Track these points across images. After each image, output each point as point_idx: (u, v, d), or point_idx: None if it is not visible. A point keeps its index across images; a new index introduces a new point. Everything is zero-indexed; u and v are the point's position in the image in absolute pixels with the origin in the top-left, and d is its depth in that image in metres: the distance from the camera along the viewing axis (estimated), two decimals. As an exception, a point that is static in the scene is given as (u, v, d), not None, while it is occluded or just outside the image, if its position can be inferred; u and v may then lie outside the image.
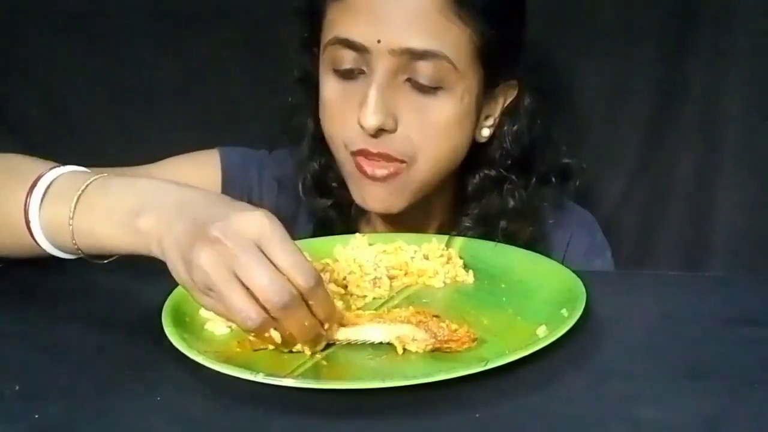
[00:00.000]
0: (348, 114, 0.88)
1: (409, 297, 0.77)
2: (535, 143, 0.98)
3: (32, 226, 0.72)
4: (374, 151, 0.87)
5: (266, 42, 1.18)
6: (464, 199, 0.99)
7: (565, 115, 1.17)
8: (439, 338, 0.65)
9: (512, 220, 0.97)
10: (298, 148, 1.00)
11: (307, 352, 0.65)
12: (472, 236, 0.92)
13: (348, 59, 0.87)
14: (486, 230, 0.96)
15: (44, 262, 0.79)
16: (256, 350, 0.65)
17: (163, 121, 1.23)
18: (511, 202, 0.97)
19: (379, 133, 0.86)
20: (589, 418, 0.58)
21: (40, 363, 0.66)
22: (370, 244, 0.83)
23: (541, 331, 0.66)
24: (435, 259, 0.82)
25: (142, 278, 0.82)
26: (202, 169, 0.99)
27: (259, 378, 0.59)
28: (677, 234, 1.24)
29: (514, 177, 0.97)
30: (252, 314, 0.61)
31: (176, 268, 0.64)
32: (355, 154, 0.89)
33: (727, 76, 1.19)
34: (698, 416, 0.58)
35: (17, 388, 0.62)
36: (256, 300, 0.61)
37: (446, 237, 0.86)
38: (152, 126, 1.23)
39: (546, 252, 0.86)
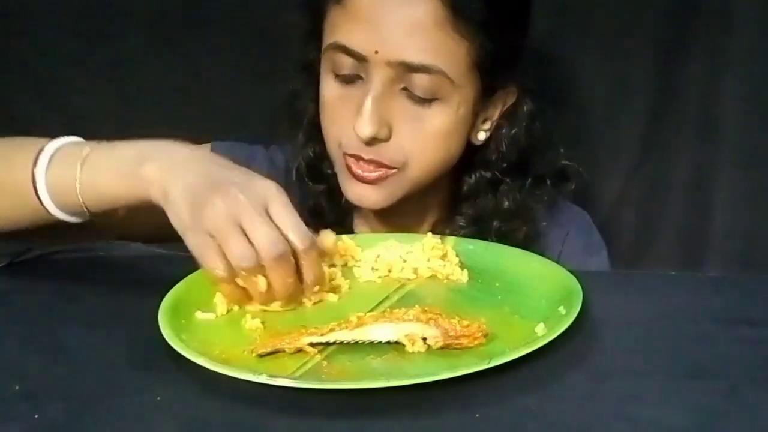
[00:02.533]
0: (345, 117, 0.89)
1: (405, 296, 0.77)
2: (534, 146, 0.98)
3: (38, 187, 0.77)
4: (366, 157, 0.89)
5: (266, 41, 1.18)
6: (459, 197, 1.00)
7: (563, 114, 1.17)
8: (450, 334, 0.65)
9: (506, 221, 0.98)
10: (295, 139, 1.01)
11: (275, 308, 0.72)
12: (465, 235, 0.93)
13: (347, 65, 0.88)
14: (479, 230, 0.97)
15: (44, 263, 0.79)
16: (259, 355, 0.65)
17: (163, 120, 1.23)
18: (506, 203, 0.98)
19: (372, 141, 0.88)
20: (589, 418, 0.59)
21: (40, 363, 0.66)
22: (357, 245, 0.83)
23: (540, 328, 0.66)
24: (429, 251, 0.82)
25: (141, 278, 0.82)
26: None
27: (260, 379, 0.59)
28: (675, 232, 1.24)
29: (509, 180, 0.98)
30: (247, 254, 0.68)
31: (178, 209, 0.70)
32: (347, 155, 0.90)
33: (725, 75, 1.18)
34: (698, 416, 0.58)
35: (17, 388, 0.62)
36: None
37: (438, 237, 0.85)
38: (152, 125, 1.21)
39: (541, 251, 0.86)
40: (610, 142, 1.25)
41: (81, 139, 0.81)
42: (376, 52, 0.85)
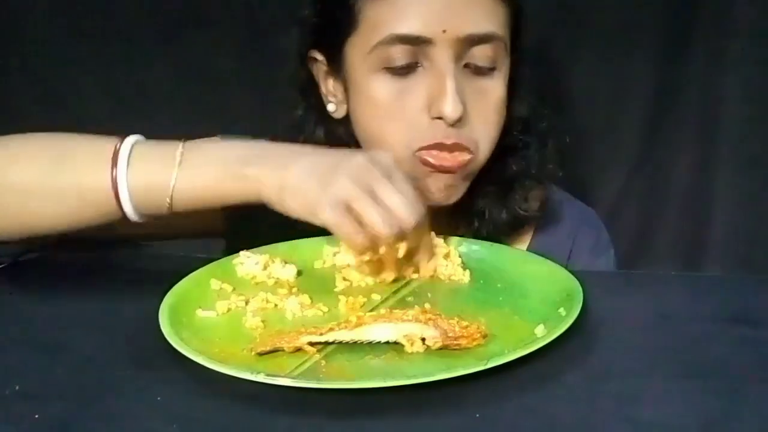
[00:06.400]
0: (412, 111, 0.87)
1: (406, 297, 0.77)
2: (534, 110, 0.98)
3: (120, 189, 0.76)
4: (448, 143, 0.86)
5: (265, 42, 1.18)
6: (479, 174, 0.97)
7: (564, 114, 1.18)
8: (449, 335, 0.65)
9: (524, 185, 0.97)
10: None
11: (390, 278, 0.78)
12: (491, 203, 0.94)
13: (403, 55, 0.86)
14: (503, 191, 0.96)
15: (45, 263, 0.79)
16: (258, 353, 0.65)
17: (163, 120, 1.23)
18: (523, 163, 0.97)
19: (455, 123, 0.86)
20: (589, 418, 0.59)
21: (40, 363, 0.66)
22: None
23: (540, 330, 0.66)
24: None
25: (141, 278, 0.82)
26: None
27: (259, 378, 0.59)
28: (675, 231, 1.24)
29: (526, 139, 0.97)
30: (390, 220, 0.71)
31: (302, 193, 0.72)
32: (424, 149, 0.87)
33: (725, 75, 1.19)
34: (698, 416, 0.58)
35: (17, 388, 0.62)
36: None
37: (441, 237, 0.85)
38: (152, 125, 1.22)
39: (551, 250, 0.86)
40: (610, 141, 1.25)
41: (140, 136, 0.79)
42: (444, 32, 0.84)
